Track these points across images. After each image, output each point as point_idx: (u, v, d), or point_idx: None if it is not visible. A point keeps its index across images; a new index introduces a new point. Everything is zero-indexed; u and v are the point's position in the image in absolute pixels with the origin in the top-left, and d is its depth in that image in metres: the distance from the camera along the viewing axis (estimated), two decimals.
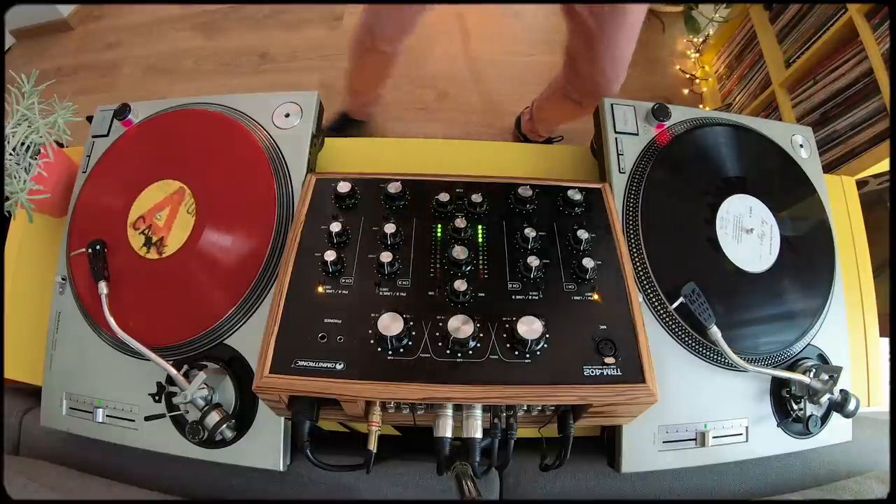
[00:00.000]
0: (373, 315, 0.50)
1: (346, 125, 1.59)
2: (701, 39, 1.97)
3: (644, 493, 0.64)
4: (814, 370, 0.61)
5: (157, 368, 0.58)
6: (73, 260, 0.66)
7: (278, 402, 0.50)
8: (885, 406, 0.74)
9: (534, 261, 0.54)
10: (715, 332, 0.57)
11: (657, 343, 0.61)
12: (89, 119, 0.77)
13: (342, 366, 0.48)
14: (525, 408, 0.53)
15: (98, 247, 0.63)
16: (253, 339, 0.60)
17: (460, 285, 0.51)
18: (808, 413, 0.61)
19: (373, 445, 0.50)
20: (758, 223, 0.68)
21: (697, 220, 0.67)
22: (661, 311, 0.62)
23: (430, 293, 0.53)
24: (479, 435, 0.50)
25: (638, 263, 0.64)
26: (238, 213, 0.65)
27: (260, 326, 0.53)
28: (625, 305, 0.53)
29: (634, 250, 0.64)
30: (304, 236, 0.57)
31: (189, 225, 0.64)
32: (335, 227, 0.56)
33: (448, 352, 0.49)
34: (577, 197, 0.60)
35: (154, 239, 0.64)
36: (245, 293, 0.61)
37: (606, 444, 0.63)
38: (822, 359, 0.66)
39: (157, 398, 0.59)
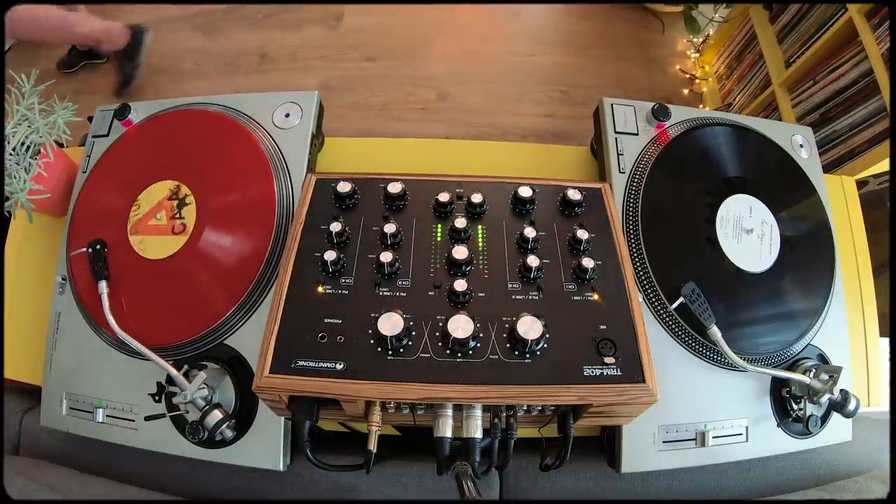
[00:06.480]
0: (373, 315, 0.50)
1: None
2: (701, 39, 1.97)
3: (644, 493, 0.64)
4: (814, 370, 0.61)
5: (157, 368, 0.58)
6: (73, 260, 0.66)
7: (278, 402, 0.50)
8: (885, 406, 0.74)
9: (534, 261, 0.53)
10: (715, 332, 0.57)
11: (657, 343, 0.61)
12: (90, 119, 0.77)
13: (342, 366, 0.48)
14: (525, 408, 0.53)
15: (98, 247, 0.63)
16: (253, 339, 0.60)
17: (460, 285, 0.51)
18: (808, 413, 0.61)
19: (373, 445, 0.50)
20: (758, 223, 0.68)
21: (697, 220, 0.67)
22: (661, 311, 0.62)
23: (430, 293, 0.53)
24: (479, 435, 0.50)
25: (638, 263, 0.64)
26: (238, 213, 0.65)
27: (260, 326, 0.53)
28: (625, 305, 0.53)
29: (634, 250, 0.64)
30: (304, 236, 0.57)
31: (189, 225, 0.64)
32: (335, 227, 0.56)
33: (448, 352, 0.49)
34: (577, 197, 0.59)
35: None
36: (245, 293, 0.61)
37: (606, 444, 0.63)
38: (822, 359, 0.66)
39: (157, 398, 0.59)
